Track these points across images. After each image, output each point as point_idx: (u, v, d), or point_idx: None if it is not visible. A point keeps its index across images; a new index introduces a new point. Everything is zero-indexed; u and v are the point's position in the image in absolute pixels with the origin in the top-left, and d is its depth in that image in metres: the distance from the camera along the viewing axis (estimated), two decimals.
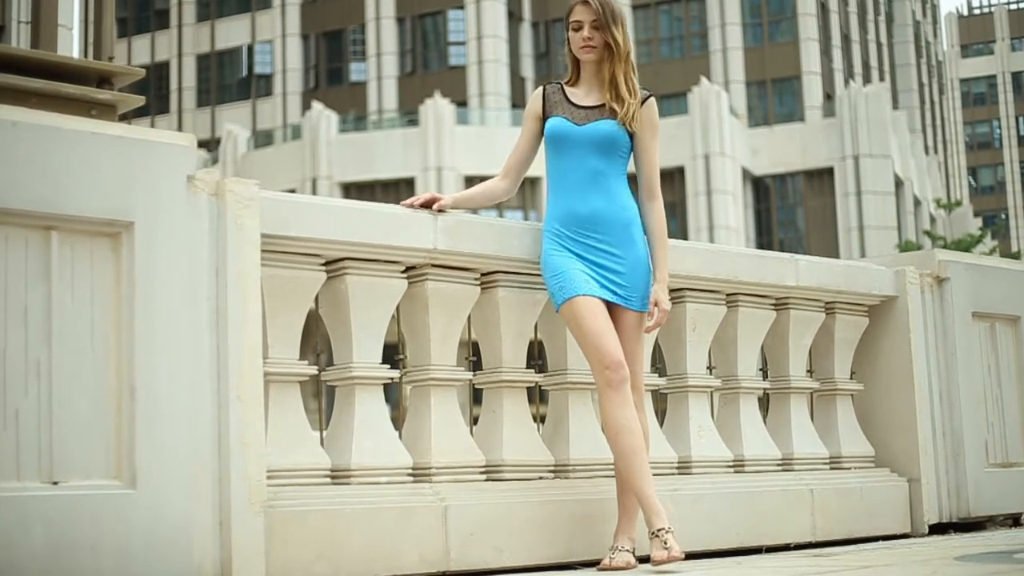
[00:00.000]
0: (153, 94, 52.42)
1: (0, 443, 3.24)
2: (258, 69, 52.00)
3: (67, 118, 3.46)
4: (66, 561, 3.28)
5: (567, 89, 4.63)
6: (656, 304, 4.51)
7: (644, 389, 4.63)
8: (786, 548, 5.22)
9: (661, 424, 5.27)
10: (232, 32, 52.49)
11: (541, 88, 4.70)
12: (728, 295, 5.44)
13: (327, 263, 4.31)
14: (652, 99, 4.61)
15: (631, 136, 4.54)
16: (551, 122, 4.58)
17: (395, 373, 4.53)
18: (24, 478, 3.27)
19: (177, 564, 3.48)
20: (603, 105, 4.54)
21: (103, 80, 3.71)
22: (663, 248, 4.59)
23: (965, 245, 41.93)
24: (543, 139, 4.63)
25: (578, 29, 4.54)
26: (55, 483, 3.31)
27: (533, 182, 41.14)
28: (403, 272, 4.46)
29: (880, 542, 5.49)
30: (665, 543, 4.18)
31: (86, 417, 3.39)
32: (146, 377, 3.47)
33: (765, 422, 5.71)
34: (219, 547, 3.62)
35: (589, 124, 4.52)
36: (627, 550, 4.37)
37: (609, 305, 4.44)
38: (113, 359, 3.46)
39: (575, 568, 4.48)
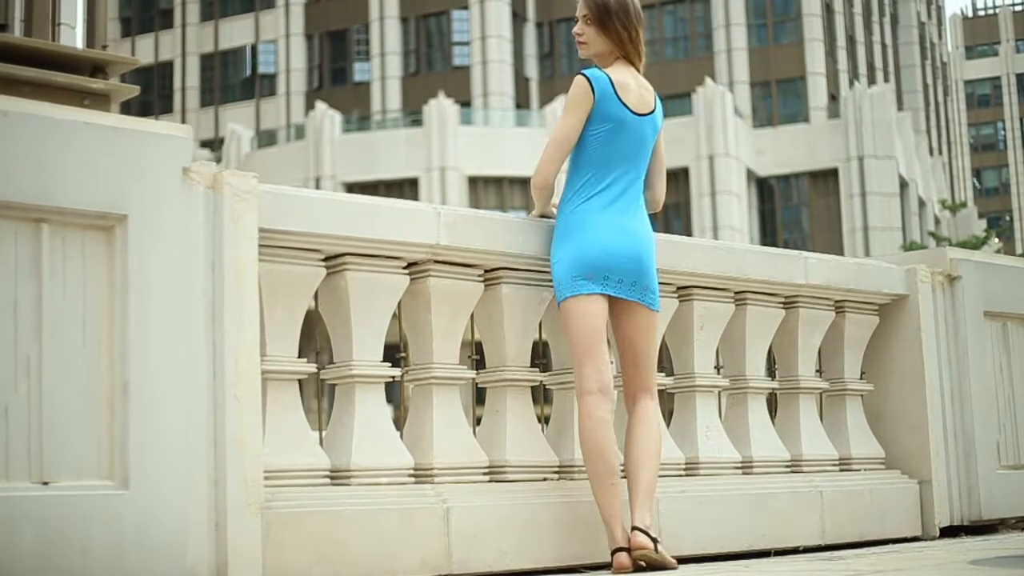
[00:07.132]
0: (157, 94, 52.56)
1: None
2: (262, 69, 52.11)
3: (59, 108, 3.42)
4: (56, 562, 3.23)
5: None
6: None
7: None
8: (795, 551, 5.17)
9: (668, 424, 5.20)
10: (236, 32, 52.58)
11: None
12: (736, 293, 5.37)
13: (327, 258, 4.25)
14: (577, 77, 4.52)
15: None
16: None
17: (396, 371, 4.46)
18: (14, 478, 3.22)
19: (171, 567, 3.43)
20: None
21: (97, 69, 3.64)
22: None
23: (970, 247, 42.02)
24: None
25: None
26: (45, 483, 3.26)
27: (526, 182, 41.25)
28: (405, 268, 4.41)
29: (890, 545, 5.44)
30: None
31: (78, 415, 3.34)
32: (140, 374, 3.41)
33: (774, 423, 5.64)
34: (214, 550, 3.57)
35: None
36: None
37: None
38: (106, 356, 3.40)
39: (580, 572, 4.43)
